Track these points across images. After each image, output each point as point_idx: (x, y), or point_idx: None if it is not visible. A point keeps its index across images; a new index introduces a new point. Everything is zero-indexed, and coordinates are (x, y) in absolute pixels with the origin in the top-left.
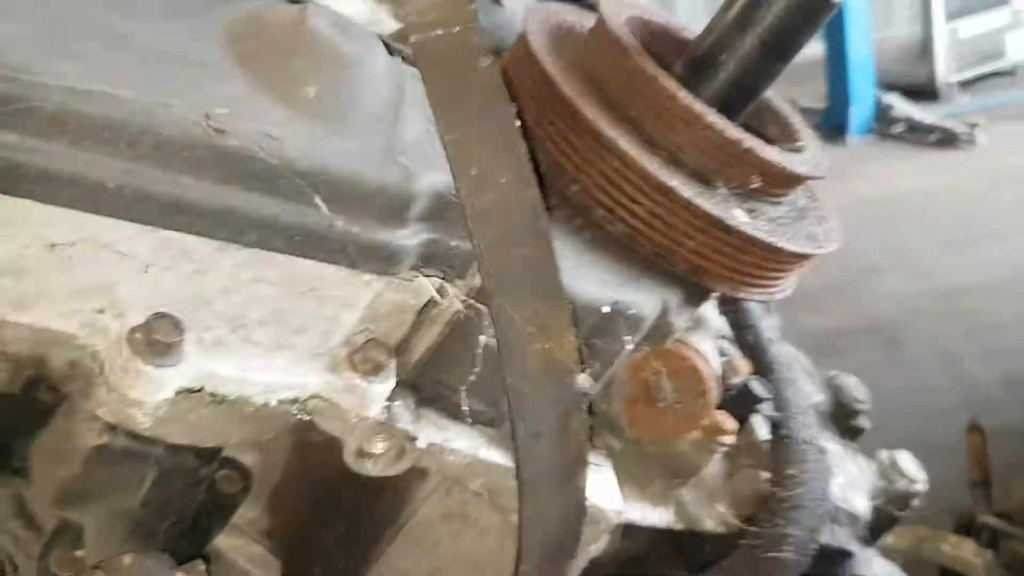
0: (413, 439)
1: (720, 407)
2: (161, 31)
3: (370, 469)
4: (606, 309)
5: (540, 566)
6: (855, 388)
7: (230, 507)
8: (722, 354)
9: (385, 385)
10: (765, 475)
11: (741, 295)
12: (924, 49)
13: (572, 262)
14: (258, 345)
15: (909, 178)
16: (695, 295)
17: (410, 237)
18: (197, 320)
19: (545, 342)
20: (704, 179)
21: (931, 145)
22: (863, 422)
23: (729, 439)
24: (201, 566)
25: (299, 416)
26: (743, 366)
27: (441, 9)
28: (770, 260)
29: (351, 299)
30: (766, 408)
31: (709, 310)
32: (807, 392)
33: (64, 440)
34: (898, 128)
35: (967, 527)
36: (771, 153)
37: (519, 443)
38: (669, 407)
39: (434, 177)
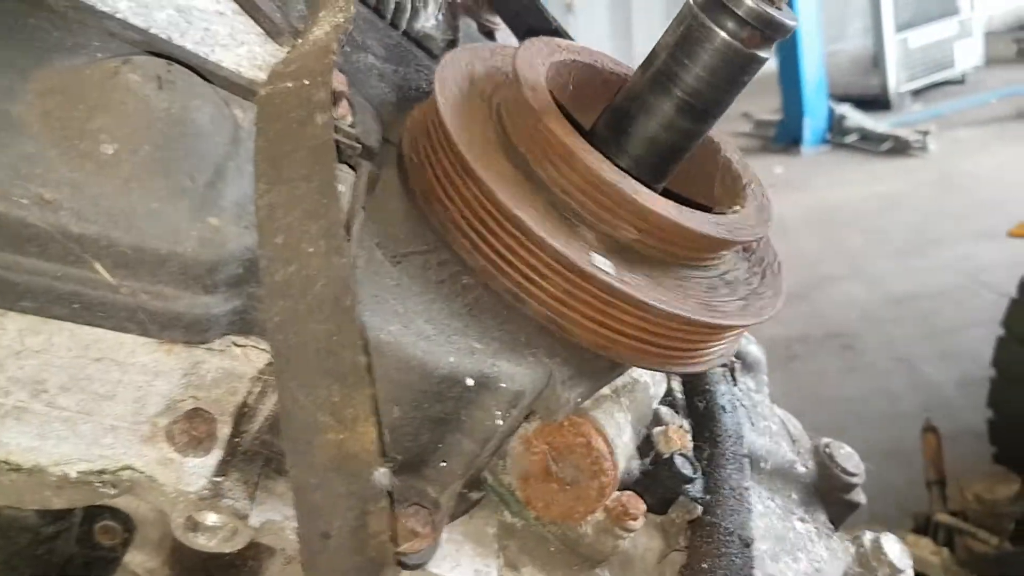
0: (244, 516)
1: (638, 483)
2: None
3: (203, 544)
4: (470, 382)
5: None
6: (847, 459)
7: (110, 559)
8: (659, 422)
9: (208, 459)
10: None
11: (646, 367)
12: (875, 60)
13: (437, 329)
14: (65, 410)
15: (863, 186)
16: (597, 366)
17: (219, 304)
18: None
19: (339, 432)
20: (583, 227)
21: (884, 153)
22: (857, 496)
23: (636, 524)
24: None
25: (106, 489)
26: (678, 438)
27: (303, 61)
28: (647, 321)
29: (159, 367)
30: (694, 487)
31: (650, 375)
32: (787, 459)
33: None
34: (851, 138)
35: (924, 526)
36: (652, 203)
37: (304, 544)
38: (562, 486)
39: (251, 240)
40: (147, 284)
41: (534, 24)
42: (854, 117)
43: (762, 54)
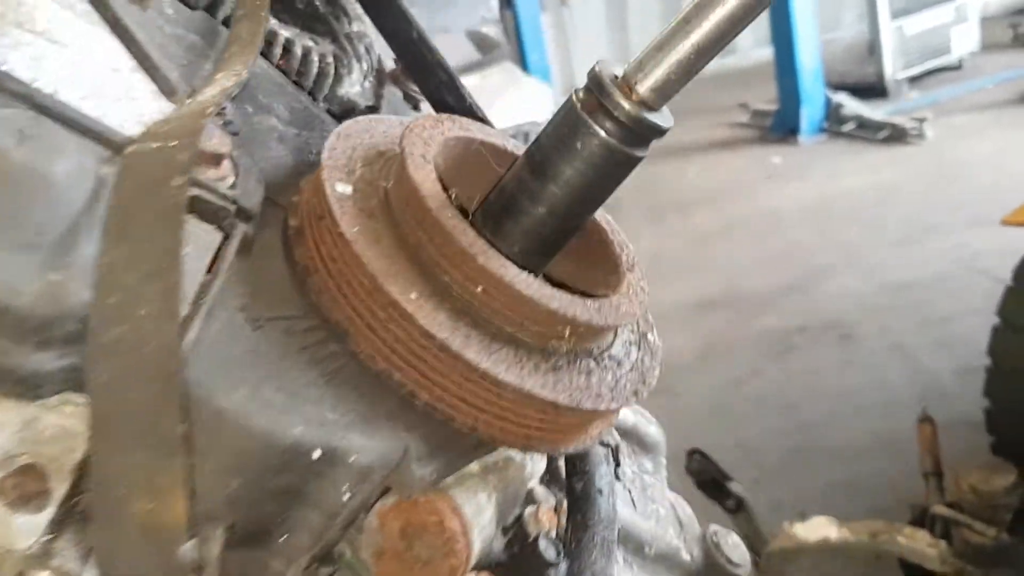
0: None
1: (500, 565)
2: None
3: None
4: (317, 453)
5: None
6: (732, 549)
7: None
8: (532, 501)
9: (38, 517)
10: None
11: (508, 445)
12: (871, 48)
13: (288, 397)
14: None
15: (860, 176)
16: (457, 444)
17: (53, 360)
18: None
19: (149, 501)
20: (462, 312)
21: (881, 141)
22: None
23: None
24: None
25: None
26: (547, 519)
27: (179, 122)
28: (503, 399)
29: None
30: (556, 573)
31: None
32: (672, 545)
33: None
34: (849, 126)
35: (921, 518)
36: (506, 272)
37: None
38: (415, 565)
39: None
40: None
41: (451, 101)
42: (851, 105)
43: (638, 154)
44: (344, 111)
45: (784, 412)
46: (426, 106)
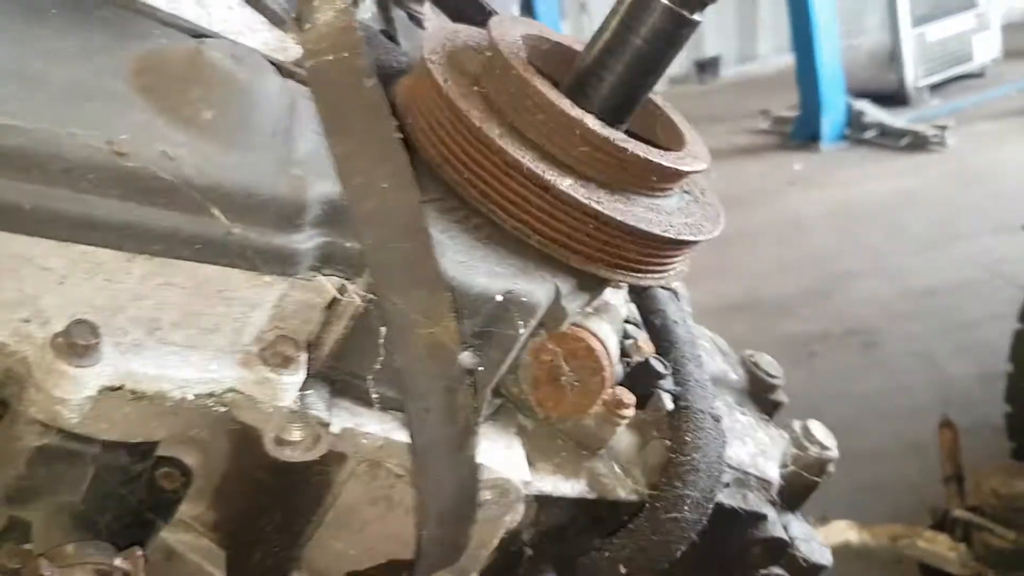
0: (326, 425)
1: (622, 383)
2: (72, 69)
3: (289, 455)
4: (499, 298)
5: (440, 529)
6: (769, 365)
7: (171, 502)
8: (627, 336)
9: (296, 377)
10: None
11: (626, 280)
12: (893, 55)
13: (465, 257)
14: (174, 345)
15: (881, 182)
16: (589, 283)
17: (306, 241)
18: (114, 325)
19: (429, 327)
20: (568, 169)
21: (902, 149)
22: (779, 396)
23: (629, 412)
24: (139, 552)
25: (216, 409)
26: (646, 346)
27: (333, 38)
28: (625, 240)
29: (256, 299)
30: (666, 383)
31: (616, 299)
32: (721, 368)
33: (8, 443)
34: (870, 133)
35: (942, 522)
36: (620, 140)
37: (411, 418)
38: (569, 385)
39: (326, 186)
40: (252, 224)
41: (467, 9)
42: (872, 113)
43: (696, 16)
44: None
45: (806, 417)
46: (429, 25)
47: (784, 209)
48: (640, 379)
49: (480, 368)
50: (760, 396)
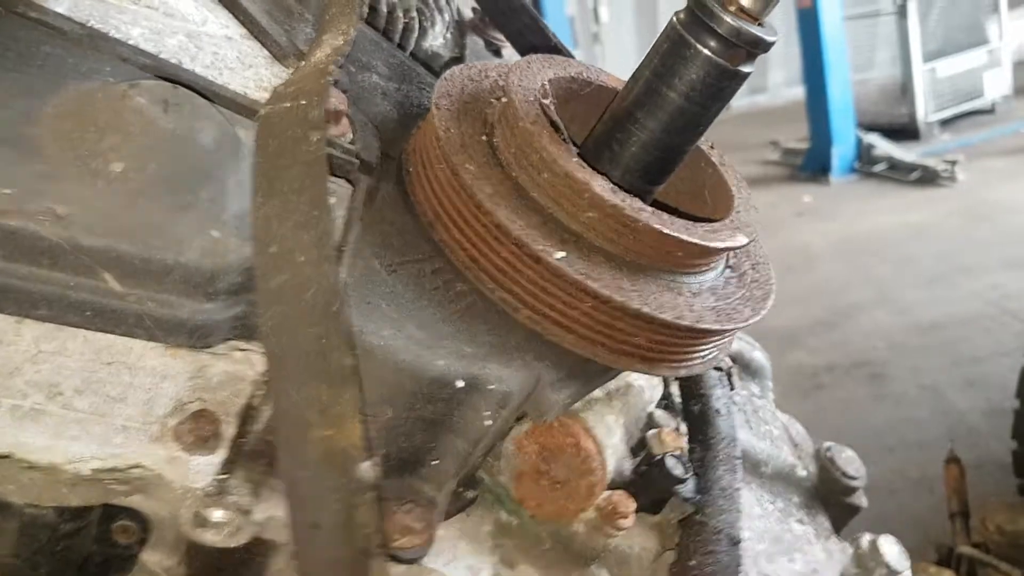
0: (247, 512)
1: (636, 482)
2: None
3: (210, 539)
4: (460, 383)
5: None
6: (848, 463)
7: (127, 557)
8: (652, 426)
9: (213, 457)
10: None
11: (633, 369)
12: (904, 89)
13: (428, 333)
14: (79, 412)
15: (891, 216)
16: (586, 369)
17: (220, 311)
18: (10, 388)
19: (326, 429)
20: (570, 236)
21: (912, 183)
22: (857, 499)
23: (627, 523)
24: None
25: (116, 486)
26: (671, 440)
27: (302, 82)
28: (628, 324)
29: (166, 370)
30: (686, 488)
31: (643, 379)
32: (788, 462)
33: None
34: (880, 167)
35: (947, 558)
36: (635, 212)
37: (296, 534)
38: (554, 485)
39: (250, 251)
40: (153, 292)
41: (536, 42)
42: (882, 146)
43: (745, 69)
44: (428, 64)
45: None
46: (508, 52)
47: (793, 240)
48: (654, 481)
49: (434, 462)
50: (832, 498)
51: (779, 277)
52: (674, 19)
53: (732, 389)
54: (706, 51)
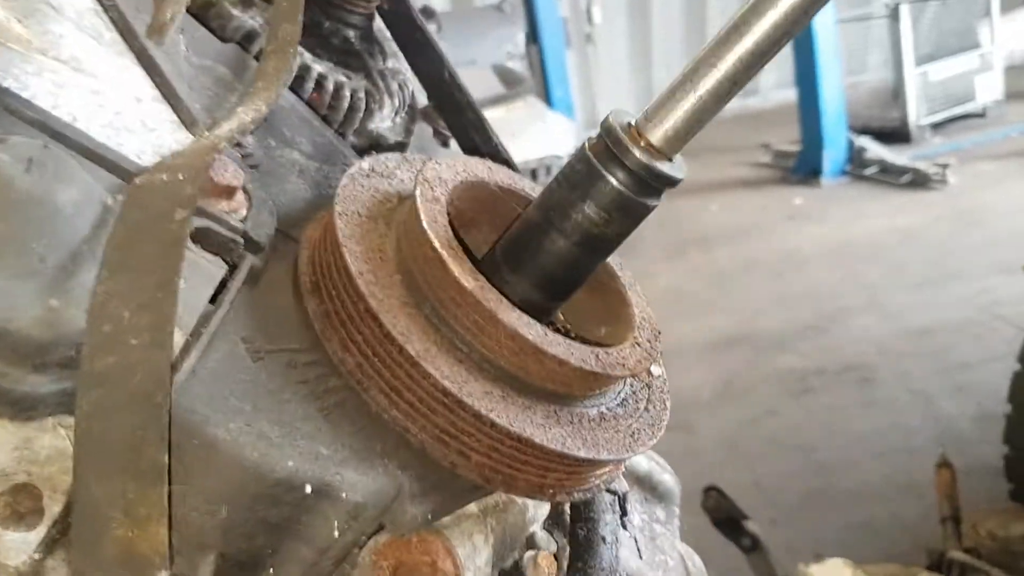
0: None
1: None
2: None
3: None
4: (308, 489)
5: None
6: None
7: None
8: (534, 545)
9: (29, 535)
10: None
11: (496, 489)
12: (895, 93)
13: (283, 430)
14: None
15: (882, 219)
16: (454, 485)
17: (48, 384)
18: None
19: (129, 529)
20: (464, 351)
21: (903, 186)
22: None
23: None
24: None
25: None
26: (547, 566)
27: (190, 156)
28: (500, 443)
29: None
30: None
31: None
32: None
33: None
34: (871, 170)
35: (938, 563)
36: (519, 325)
37: None
38: None
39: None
40: None
41: (478, 140)
42: (874, 149)
43: (650, 203)
44: (373, 146)
45: (801, 453)
46: (455, 143)
47: (783, 243)
48: None
49: (273, 569)
50: None
51: (769, 280)
52: (586, 145)
53: (624, 515)
54: (614, 181)
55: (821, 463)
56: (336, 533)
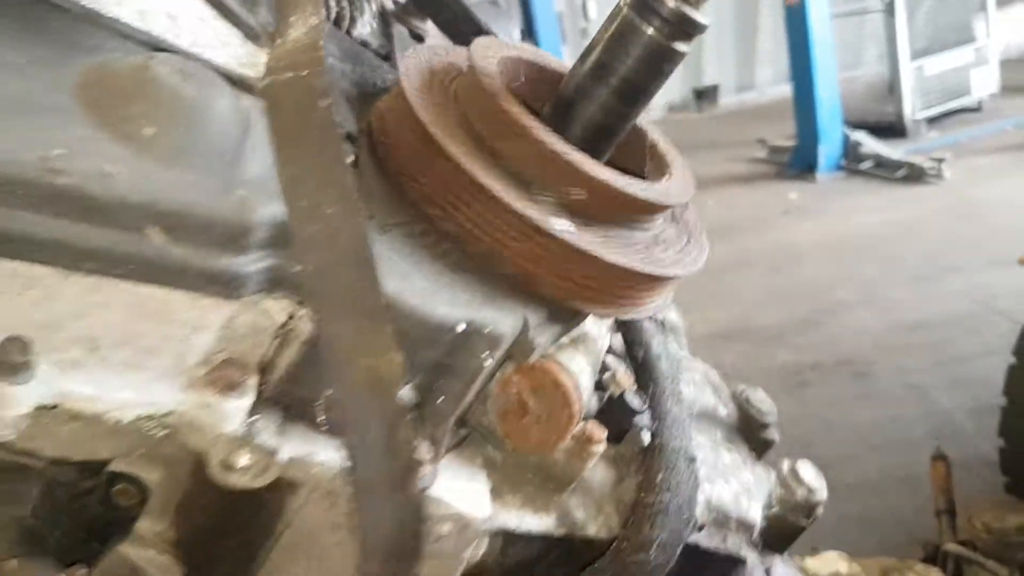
0: (274, 452)
1: (597, 417)
2: (16, 82)
3: (236, 481)
4: (461, 327)
5: (382, 568)
6: (761, 402)
7: (127, 519)
8: (606, 369)
9: (242, 402)
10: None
11: (600, 312)
12: (891, 87)
13: (428, 283)
14: (116, 365)
15: (877, 213)
16: (561, 315)
17: (251, 264)
18: (51, 342)
19: (370, 359)
20: (539, 194)
21: (898, 181)
22: (771, 434)
23: (599, 448)
24: (82, 570)
25: (156, 432)
26: (625, 380)
27: (295, 55)
28: (601, 273)
29: (200, 322)
30: (642, 419)
31: (597, 329)
32: (711, 403)
33: None
34: (866, 164)
35: (934, 556)
36: (597, 171)
37: (349, 452)
38: (536, 419)
39: (273, 208)
40: (192, 245)
41: (467, 30)
42: (869, 144)
43: (680, 47)
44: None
45: (797, 447)
46: (431, 41)
47: (779, 238)
48: (615, 414)
49: (442, 399)
50: (750, 433)
51: (765, 275)
52: (620, 2)
53: (666, 337)
54: (650, 30)
55: (817, 457)
56: (486, 363)
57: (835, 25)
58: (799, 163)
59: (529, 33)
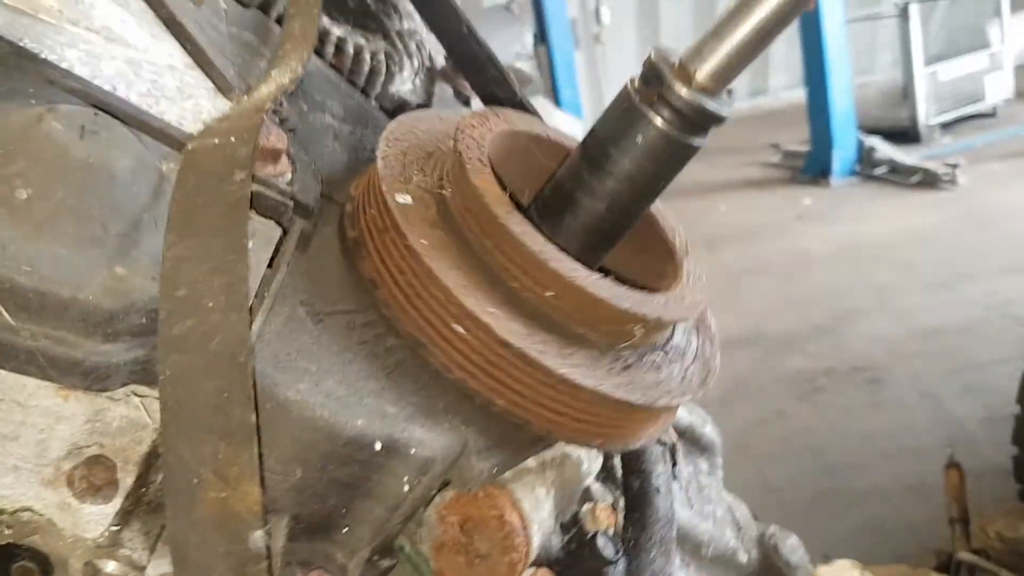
0: (140, 568)
1: (563, 562)
2: None
3: None
4: (378, 445)
5: None
6: (792, 551)
7: None
8: (588, 499)
9: (106, 507)
10: None
11: (566, 439)
12: (905, 93)
13: (349, 390)
14: None
15: (891, 220)
16: (516, 439)
17: (120, 353)
18: None
19: (221, 490)
20: (516, 300)
21: (913, 186)
22: None
23: None
24: None
25: (2, 528)
26: (605, 517)
27: (235, 119)
28: (561, 393)
29: (61, 412)
30: (616, 570)
31: (581, 450)
32: (728, 546)
33: None
34: (880, 170)
35: (946, 564)
36: (571, 273)
37: None
38: (477, 558)
39: (157, 291)
40: (48, 329)
41: (501, 95)
42: (883, 149)
43: (696, 142)
44: (396, 109)
45: (810, 453)
46: (476, 102)
47: (792, 244)
48: (583, 560)
49: (347, 528)
50: None
51: (778, 281)
52: (629, 86)
53: (675, 465)
54: (660, 122)
55: (830, 464)
56: (406, 488)
57: (849, 30)
58: (813, 168)
59: (542, 38)
